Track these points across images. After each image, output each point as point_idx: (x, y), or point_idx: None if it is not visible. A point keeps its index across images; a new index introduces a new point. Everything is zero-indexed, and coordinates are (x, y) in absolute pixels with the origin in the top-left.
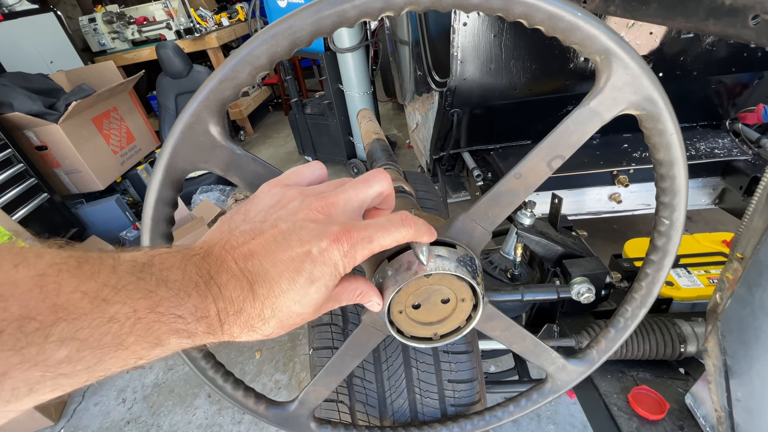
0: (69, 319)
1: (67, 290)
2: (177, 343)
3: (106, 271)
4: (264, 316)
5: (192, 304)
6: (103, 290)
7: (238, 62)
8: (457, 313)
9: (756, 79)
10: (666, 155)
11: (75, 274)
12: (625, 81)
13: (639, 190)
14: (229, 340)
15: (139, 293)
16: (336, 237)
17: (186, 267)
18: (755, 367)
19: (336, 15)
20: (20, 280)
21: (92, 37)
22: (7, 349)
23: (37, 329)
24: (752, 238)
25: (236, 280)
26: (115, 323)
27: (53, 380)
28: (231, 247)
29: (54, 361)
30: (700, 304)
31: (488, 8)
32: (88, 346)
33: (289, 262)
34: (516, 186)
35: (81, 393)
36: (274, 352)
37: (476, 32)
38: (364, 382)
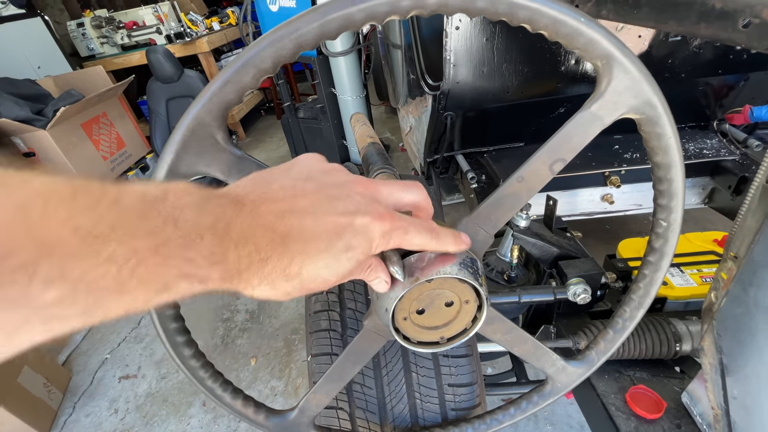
0: (57, 256)
1: (54, 224)
2: (188, 287)
3: (106, 203)
4: (289, 273)
5: (205, 247)
6: (98, 226)
7: (243, 65)
8: (461, 315)
9: (742, 80)
10: (664, 158)
11: (67, 204)
12: (626, 85)
13: (631, 190)
14: (244, 292)
15: (140, 231)
16: (380, 216)
17: (204, 207)
18: (751, 365)
19: (342, 18)
20: (1, 207)
21: (81, 41)
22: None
23: (17, 267)
24: (746, 237)
25: (267, 229)
26: (113, 265)
27: (43, 323)
28: (268, 198)
29: (41, 302)
30: (693, 303)
31: (493, 13)
32: (83, 287)
33: (331, 225)
34: (518, 189)
35: (72, 404)
36: (269, 359)
37: (469, 36)
38: (363, 387)
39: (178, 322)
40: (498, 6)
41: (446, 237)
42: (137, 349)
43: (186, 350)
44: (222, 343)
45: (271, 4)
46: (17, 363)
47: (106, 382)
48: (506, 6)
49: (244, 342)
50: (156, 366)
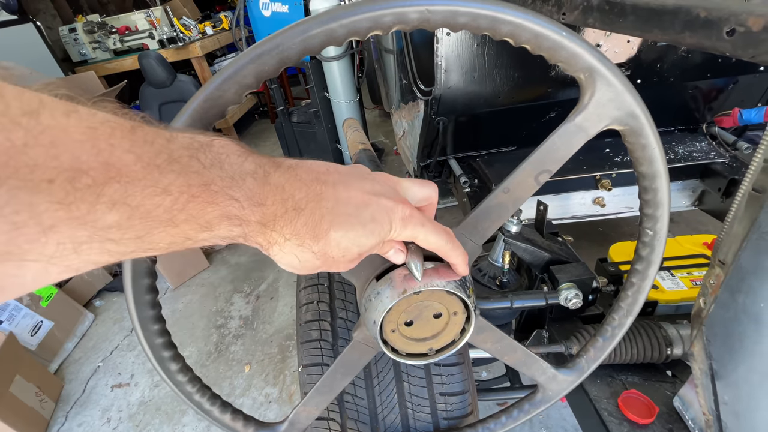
0: (122, 181)
1: (120, 150)
2: (227, 229)
3: (161, 141)
4: (318, 231)
5: (248, 188)
6: (157, 158)
7: (224, 81)
8: (450, 326)
9: (731, 83)
10: (648, 168)
11: (128, 136)
12: (609, 97)
13: (622, 193)
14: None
15: (192, 168)
16: (402, 201)
17: (247, 157)
18: (740, 371)
19: (324, 34)
20: (72, 128)
21: (73, 47)
22: (56, 201)
23: (88, 186)
24: (733, 244)
25: (303, 184)
26: (168, 196)
27: (100, 244)
28: (306, 166)
29: (103, 224)
30: (684, 306)
31: (476, 27)
32: (139, 215)
33: (359, 196)
34: (504, 200)
35: (64, 413)
36: (263, 366)
37: (460, 42)
38: (355, 398)
39: (164, 337)
40: (480, 21)
41: (459, 249)
42: (130, 357)
43: (172, 365)
44: (216, 350)
45: (264, 9)
46: (9, 372)
47: (98, 390)
48: (488, 21)
49: (238, 348)
50: (149, 374)
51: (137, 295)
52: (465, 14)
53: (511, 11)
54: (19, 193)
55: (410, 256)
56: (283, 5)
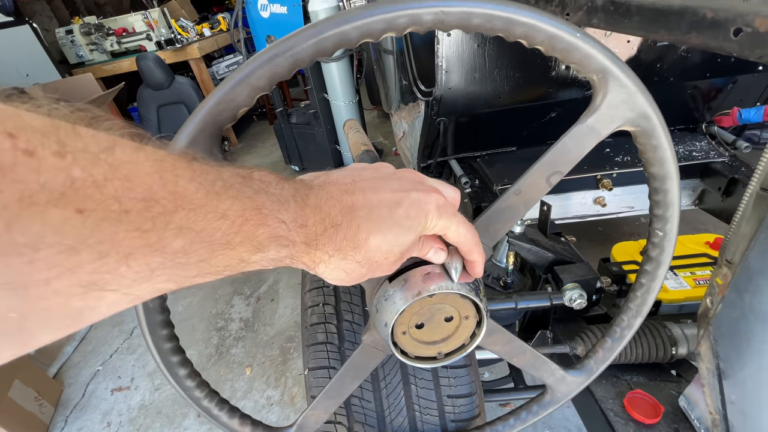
0: (187, 208)
1: (183, 180)
2: (276, 250)
3: (214, 171)
4: (358, 240)
5: (292, 211)
6: (215, 185)
7: (237, 83)
8: (461, 330)
9: (730, 83)
10: (660, 170)
11: (189, 167)
12: (621, 99)
13: (622, 193)
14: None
15: (245, 193)
16: (433, 190)
17: (284, 185)
18: (748, 370)
19: (337, 36)
20: (143, 162)
21: (70, 49)
22: (134, 230)
23: (160, 214)
24: (740, 244)
25: (335, 200)
26: (226, 220)
27: (170, 270)
28: (332, 181)
29: (172, 249)
30: (687, 306)
31: (489, 29)
32: (202, 239)
33: (390, 196)
34: (516, 202)
35: (64, 418)
36: (265, 368)
37: (460, 42)
38: (362, 401)
39: (172, 342)
40: (494, 23)
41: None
42: (130, 360)
43: (181, 370)
44: (216, 353)
45: (263, 10)
46: (8, 376)
47: (98, 394)
48: (502, 22)
49: (239, 351)
50: (149, 377)
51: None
52: (479, 15)
53: (526, 12)
54: (102, 223)
55: (451, 256)
56: (282, 6)
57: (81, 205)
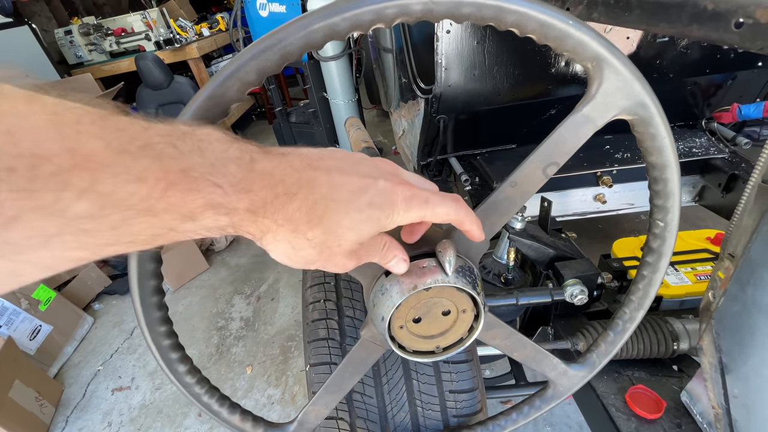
0: (89, 168)
1: (86, 136)
2: (213, 219)
3: (135, 128)
4: (312, 216)
5: (231, 175)
6: (130, 144)
7: (226, 78)
8: (458, 324)
9: (729, 79)
10: (658, 158)
11: (98, 122)
12: (617, 86)
13: (622, 190)
14: (265, 237)
15: (169, 153)
16: (401, 181)
17: (232, 144)
18: (750, 364)
19: (326, 28)
20: (33, 114)
21: (68, 49)
22: (19, 190)
23: (52, 173)
24: (742, 237)
25: (294, 170)
26: (143, 184)
27: (74, 236)
28: (298, 152)
29: (73, 213)
30: (689, 301)
31: (480, 18)
32: (112, 203)
33: (355, 180)
34: (512, 194)
35: (64, 418)
36: (265, 367)
37: (459, 39)
38: (364, 397)
39: (171, 339)
40: (484, 11)
41: (471, 214)
42: (130, 360)
43: (181, 366)
44: (217, 352)
45: (261, 9)
46: (8, 377)
47: (99, 394)
48: (493, 10)
49: (240, 350)
50: (150, 377)
51: (144, 297)
52: (469, 4)
53: (517, 0)
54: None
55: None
56: (281, 5)
57: None
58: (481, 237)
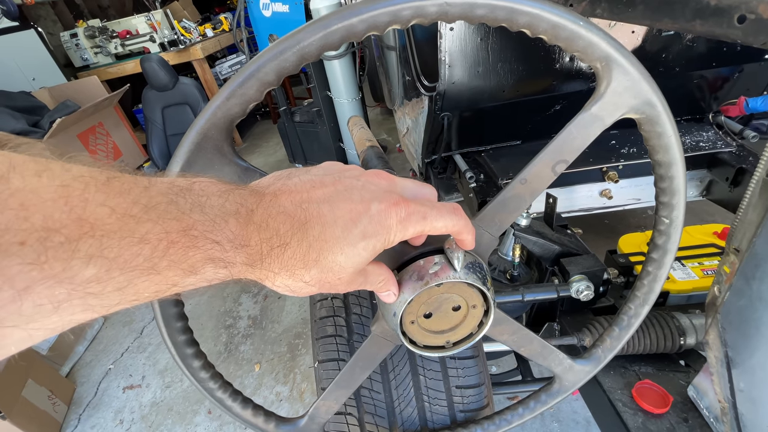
0: (96, 235)
1: (93, 204)
2: (213, 272)
3: (138, 189)
4: (308, 260)
5: (230, 231)
6: (133, 208)
7: (247, 78)
8: (468, 319)
9: (736, 72)
10: (665, 156)
11: (103, 189)
12: (625, 86)
13: (628, 185)
14: (266, 281)
15: (171, 214)
16: (395, 202)
17: (228, 196)
18: (756, 358)
19: (344, 29)
20: (43, 188)
21: (74, 52)
22: (29, 263)
23: (61, 243)
24: (747, 231)
25: (287, 215)
26: (147, 245)
27: (82, 299)
28: (288, 189)
29: (81, 279)
30: (695, 296)
31: (493, 19)
32: (118, 266)
33: (347, 212)
34: (522, 191)
35: (77, 416)
36: (273, 364)
37: (463, 36)
38: (372, 392)
39: (186, 334)
40: (497, 12)
41: (468, 225)
42: (140, 358)
43: (195, 362)
44: (225, 350)
45: (264, 9)
46: (21, 376)
47: (110, 392)
48: (506, 12)
49: (248, 348)
50: (160, 375)
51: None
52: (483, 6)
53: (529, 2)
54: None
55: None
56: (284, 5)
57: None
58: (473, 246)
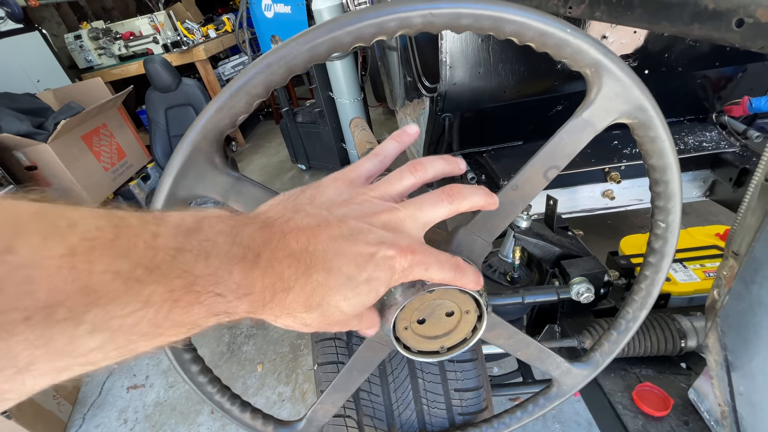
0: (101, 304)
1: (98, 270)
2: (215, 322)
3: (143, 244)
4: (310, 304)
5: (234, 282)
6: (137, 268)
7: (235, 92)
8: (462, 325)
9: (740, 72)
10: (659, 161)
11: (108, 250)
12: (616, 92)
13: (631, 185)
14: (267, 320)
15: (174, 272)
16: (402, 250)
17: (236, 236)
18: (756, 362)
19: (330, 41)
20: (48, 258)
21: (78, 54)
22: (33, 340)
23: (66, 318)
24: (746, 235)
25: (293, 258)
26: (151, 308)
27: (81, 367)
28: (295, 226)
29: (84, 350)
30: (697, 298)
31: (479, 28)
32: (122, 333)
33: (353, 258)
34: (514, 197)
35: (81, 415)
36: (276, 365)
37: (464, 37)
38: (370, 395)
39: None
40: (483, 21)
41: (469, 275)
42: (144, 358)
43: (194, 366)
44: (228, 351)
45: (266, 10)
46: None
47: (114, 392)
48: (491, 21)
49: (250, 348)
50: (163, 375)
51: None
52: (468, 16)
53: (514, 10)
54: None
55: None
56: (286, 6)
57: None
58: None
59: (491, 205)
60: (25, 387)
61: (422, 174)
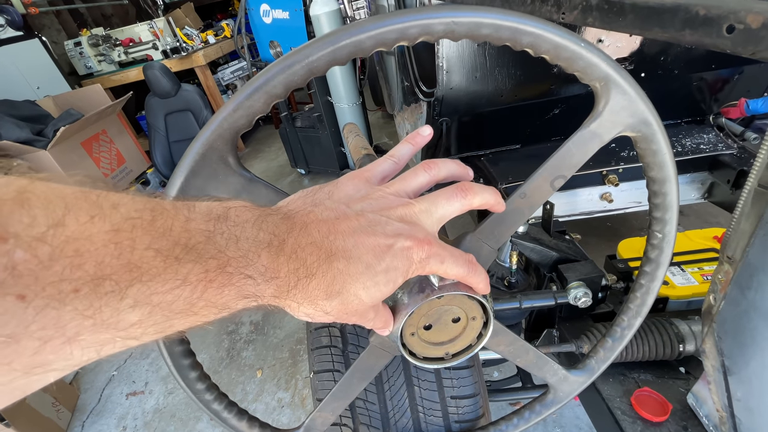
0: (143, 279)
1: (141, 247)
2: (243, 305)
3: (179, 227)
4: (331, 291)
5: (262, 265)
6: (176, 247)
7: (254, 91)
8: (467, 331)
9: (736, 74)
10: (659, 173)
11: (148, 229)
12: (623, 105)
13: (629, 188)
14: (288, 310)
15: (209, 252)
16: (419, 242)
17: (262, 224)
18: (752, 367)
19: (352, 45)
20: (96, 234)
21: (78, 60)
22: (82, 310)
23: (111, 291)
24: (741, 240)
25: (315, 246)
26: (188, 286)
27: (123, 341)
28: (315, 218)
29: (126, 324)
30: (695, 302)
31: (497, 38)
32: (161, 310)
33: (371, 248)
34: (521, 205)
35: (80, 423)
36: (275, 370)
37: (460, 42)
38: (366, 403)
39: (182, 345)
40: (502, 32)
41: (481, 274)
42: (143, 365)
43: (191, 373)
44: (227, 356)
45: (265, 16)
46: None
47: (113, 399)
48: (510, 32)
49: (250, 354)
50: (163, 381)
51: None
52: (488, 26)
53: (533, 23)
54: (45, 309)
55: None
56: (284, 12)
57: (22, 291)
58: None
59: (500, 205)
60: (72, 359)
61: (436, 172)
